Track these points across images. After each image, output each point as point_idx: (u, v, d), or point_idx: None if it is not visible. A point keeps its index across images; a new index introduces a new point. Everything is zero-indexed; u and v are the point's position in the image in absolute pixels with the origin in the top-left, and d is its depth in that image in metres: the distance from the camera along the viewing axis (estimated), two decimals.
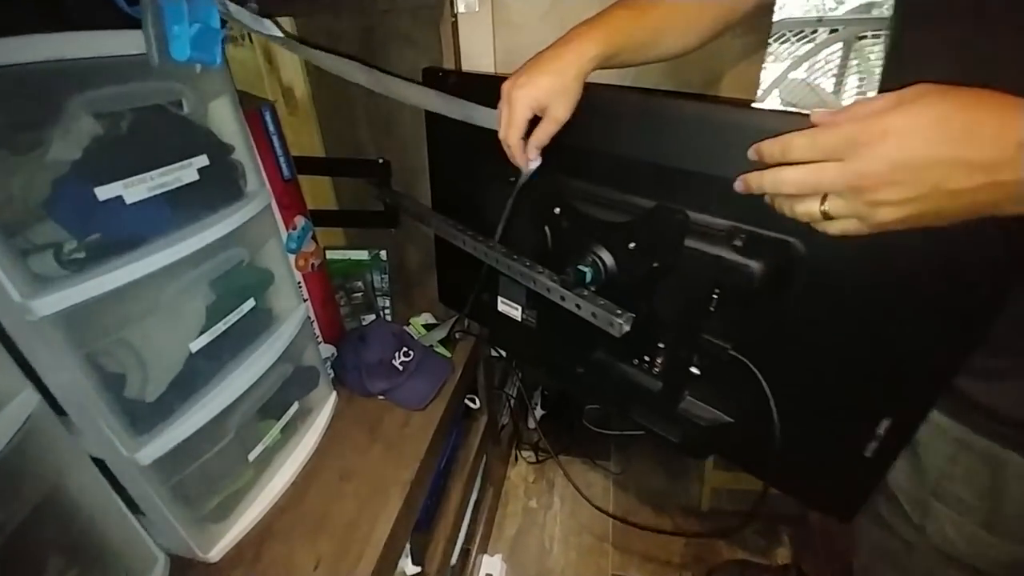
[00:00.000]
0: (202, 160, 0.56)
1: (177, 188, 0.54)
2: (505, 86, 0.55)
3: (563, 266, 0.63)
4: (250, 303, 0.66)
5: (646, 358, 0.65)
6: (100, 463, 0.55)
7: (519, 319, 0.78)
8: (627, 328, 0.57)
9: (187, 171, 0.54)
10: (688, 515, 1.35)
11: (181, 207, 0.55)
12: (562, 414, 1.58)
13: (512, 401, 1.45)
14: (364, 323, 1.05)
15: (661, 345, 0.63)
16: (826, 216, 0.36)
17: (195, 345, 0.58)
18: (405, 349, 0.88)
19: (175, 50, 0.42)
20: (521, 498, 1.43)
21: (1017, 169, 0.29)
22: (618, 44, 0.54)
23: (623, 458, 1.53)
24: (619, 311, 0.57)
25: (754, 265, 0.50)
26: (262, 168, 0.72)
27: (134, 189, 0.49)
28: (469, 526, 1.14)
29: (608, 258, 0.61)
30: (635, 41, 0.55)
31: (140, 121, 0.50)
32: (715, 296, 0.56)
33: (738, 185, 0.43)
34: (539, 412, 1.59)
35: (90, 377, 0.48)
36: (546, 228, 0.66)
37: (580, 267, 0.61)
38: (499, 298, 0.79)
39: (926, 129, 0.30)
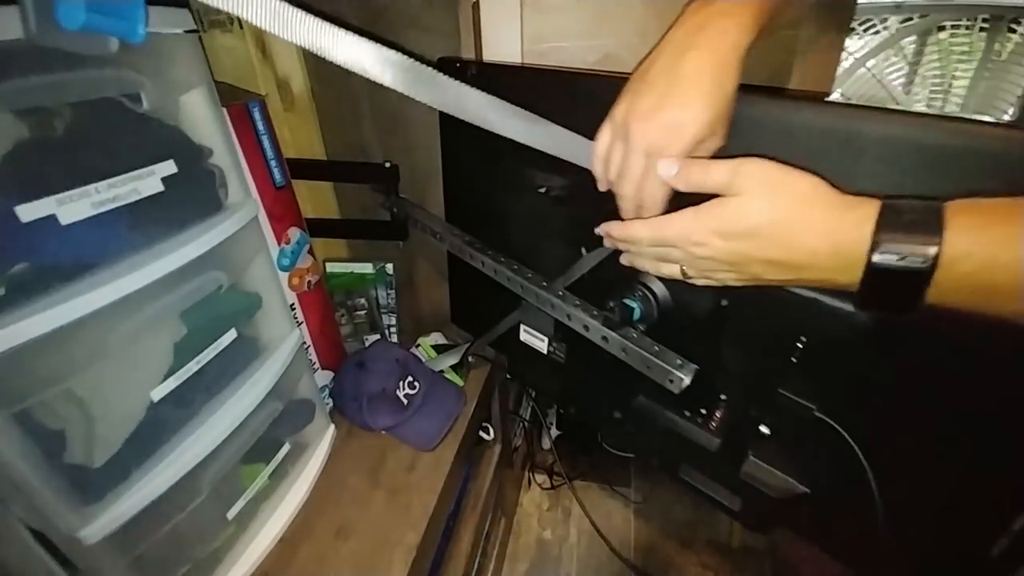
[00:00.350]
0: (168, 167, 0.46)
1: (135, 202, 0.44)
2: (637, 132, 0.37)
3: (603, 297, 0.53)
4: (230, 335, 0.56)
5: (702, 410, 0.54)
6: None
7: (545, 351, 0.67)
8: (688, 383, 0.46)
9: (147, 181, 0.44)
10: (716, 552, 1.23)
11: (140, 226, 0.45)
12: (578, 435, 1.47)
13: (526, 422, 1.35)
14: (367, 342, 0.95)
15: (723, 396, 0.52)
16: (686, 276, 0.40)
17: (158, 392, 0.47)
18: (410, 379, 0.78)
19: (64, 15, 0.29)
20: (534, 528, 1.32)
21: (815, 271, 0.33)
22: (764, 23, 0.36)
23: (645, 484, 1.42)
24: (679, 361, 0.46)
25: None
26: (249, 174, 0.62)
27: (72, 206, 0.38)
28: (479, 561, 1.04)
29: (661, 291, 0.50)
30: (775, 13, 0.38)
31: (82, 120, 0.39)
32: (800, 345, 0.44)
33: (607, 241, 0.45)
34: (554, 432, 1.48)
35: (17, 443, 0.38)
36: (583, 250, 0.55)
37: (627, 301, 0.50)
38: (522, 326, 0.68)
39: (740, 237, 0.34)
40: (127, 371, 0.46)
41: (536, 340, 0.67)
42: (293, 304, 0.72)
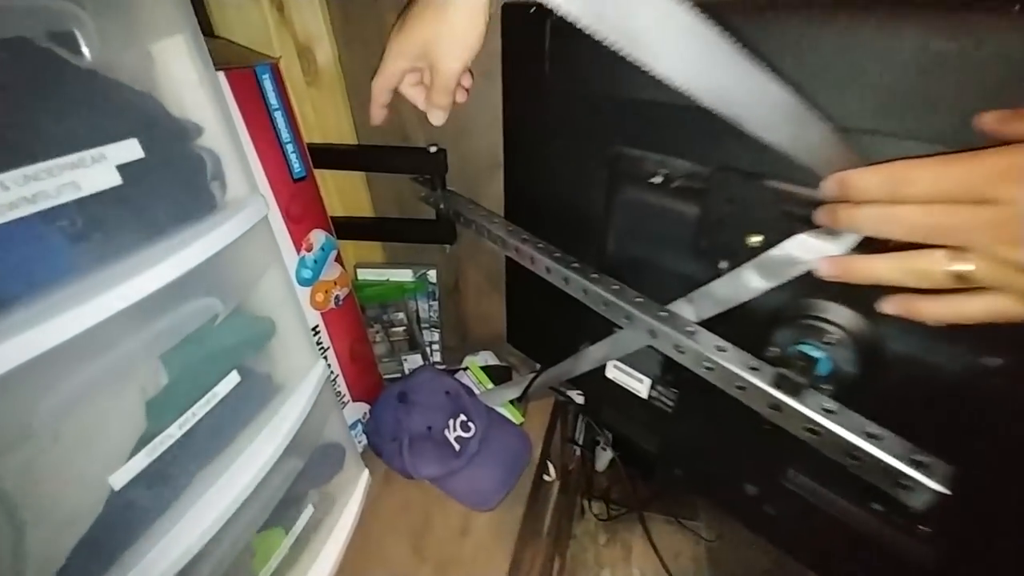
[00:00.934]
0: (128, 149, 0.31)
1: (79, 202, 0.29)
2: None
3: (752, 335, 0.36)
4: (231, 379, 0.41)
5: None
6: None
7: (644, 396, 0.51)
8: (941, 491, 0.28)
9: (94, 171, 0.29)
10: None
11: (88, 236, 0.30)
12: (637, 457, 1.29)
13: (579, 445, 1.18)
14: (405, 363, 0.80)
15: (951, 493, 0.34)
16: (959, 280, 0.24)
17: (120, 477, 0.33)
18: (463, 418, 0.62)
19: None
20: (591, 566, 1.16)
21: None
22: None
23: (716, 519, 1.24)
24: (921, 457, 0.29)
25: None
26: (257, 162, 0.47)
27: None
28: None
29: (866, 331, 0.33)
30: None
31: None
32: None
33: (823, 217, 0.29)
34: (609, 453, 1.31)
35: None
36: (724, 264, 0.38)
37: (806, 349, 0.33)
38: (610, 361, 0.52)
39: None
40: (72, 452, 0.31)
41: (631, 380, 0.51)
42: (317, 327, 0.57)
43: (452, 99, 0.42)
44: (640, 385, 0.50)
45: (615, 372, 0.52)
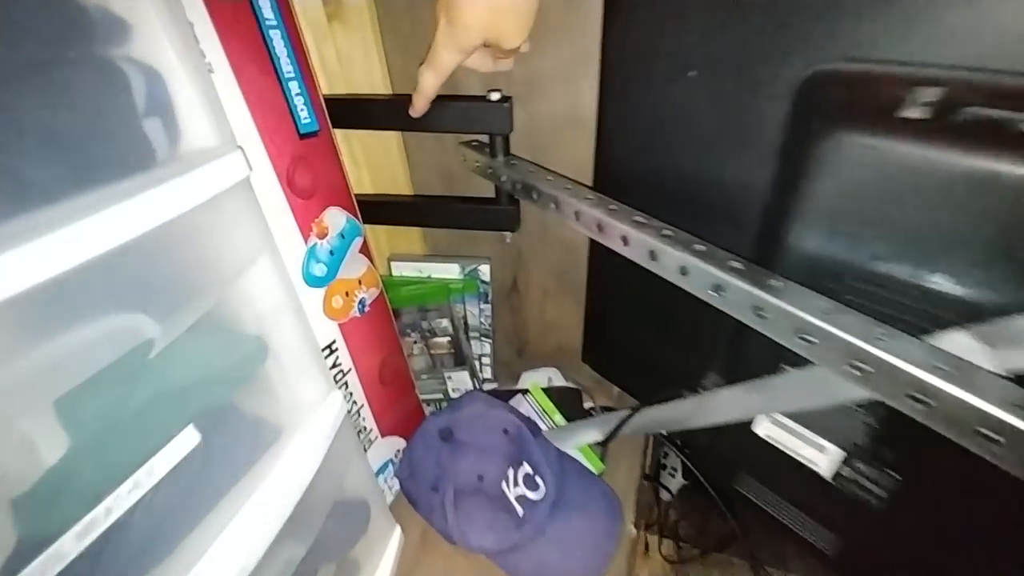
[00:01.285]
0: None
1: None
2: None
3: None
4: (186, 439, 0.26)
5: None
6: None
7: (826, 474, 0.32)
8: None
9: None
10: None
11: None
12: (712, 486, 1.10)
13: (655, 480, 1.00)
14: (449, 382, 0.64)
15: None
16: None
17: None
18: (528, 469, 0.46)
19: None
20: None
21: None
22: None
23: (806, 565, 1.03)
24: None
25: None
26: (242, 101, 0.32)
27: None
28: None
29: None
30: None
31: None
32: None
33: None
34: (678, 480, 1.13)
35: None
36: None
37: None
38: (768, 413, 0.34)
39: None
40: None
41: (804, 446, 0.33)
42: (333, 343, 0.42)
43: None
44: (821, 456, 0.32)
45: (772, 428, 0.34)
